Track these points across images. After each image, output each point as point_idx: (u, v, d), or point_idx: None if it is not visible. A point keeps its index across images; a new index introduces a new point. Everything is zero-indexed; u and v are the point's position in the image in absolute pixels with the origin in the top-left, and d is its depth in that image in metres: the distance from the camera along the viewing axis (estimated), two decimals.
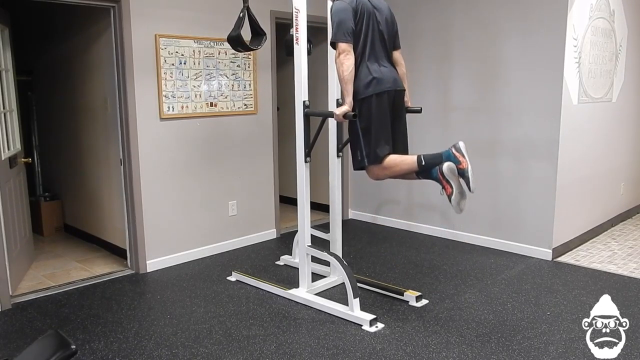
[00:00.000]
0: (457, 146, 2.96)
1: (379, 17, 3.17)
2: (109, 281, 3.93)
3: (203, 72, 4.27)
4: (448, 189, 2.94)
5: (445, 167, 2.91)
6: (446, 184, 2.93)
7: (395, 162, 3.11)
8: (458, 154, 2.93)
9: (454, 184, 2.92)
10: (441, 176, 2.93)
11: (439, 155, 2.98)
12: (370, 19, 3.12)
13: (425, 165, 3.00)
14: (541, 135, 4.19)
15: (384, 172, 3.16)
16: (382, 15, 3.19)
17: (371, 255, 4.45)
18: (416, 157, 3.04)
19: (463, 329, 3.09)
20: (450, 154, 2.95)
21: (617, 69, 4.95)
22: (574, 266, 4.15)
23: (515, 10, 4.23)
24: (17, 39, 4.50)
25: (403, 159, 3.12)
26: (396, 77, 3.22)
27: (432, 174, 2.99)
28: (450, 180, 2.92)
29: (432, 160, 2.99)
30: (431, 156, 3.01)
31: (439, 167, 2.94)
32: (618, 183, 5.30)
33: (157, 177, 4.11)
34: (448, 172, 2.91)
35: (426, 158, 3.01)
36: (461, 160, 2.92)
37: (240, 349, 2.88)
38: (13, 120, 4.04)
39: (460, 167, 2.91)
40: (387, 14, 3.24)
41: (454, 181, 2.92)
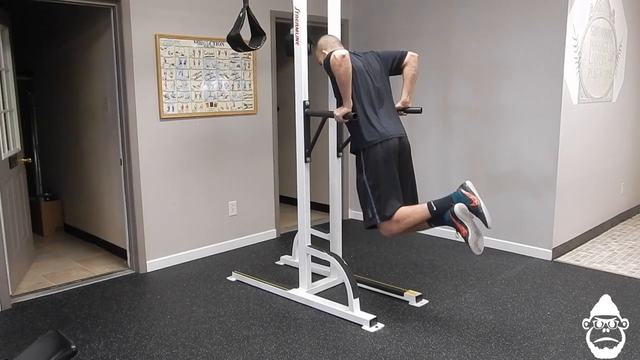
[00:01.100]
0: (465, 186, 2.93)
1: (371, 73, 3.17)
2: (109, 281, 3.93)
3: (203, 72, 4.27)
4: (463, 230, 2.87)
5: (457, 209, 2.86)
6: (460, 226, 2.87)
7: (407, 214, 3.05)
8: (467, 192, 2.90)
9: (468, 225, 2.86)
10: (454, 219, 2.88)
11: (448, 198, 2.94)
12: (362, 75, 3.12)
13: (436, 211, 2.95)
14: (541, 135, 4.19)
15: (397, 226, 3.09)
16: (372, 69, 3.19)
17: (371, 255, 4.45)
18: (426, 204, 3.00)
19: (463, 329, 3.09)
20: (459, 194, 2.91)
21: (617, 69, 4.95)
22: (574, 266, 4.15)
23: (515, 10, 4.23)
24: (17, 39, 4.50)
25: (414, 209, 3.07)
26: (397, 126, 3.18)
27: (445, 219, 2.94)
28: (464, 222, 2.86)
29: (442, 204, 2.94)
30: (441, 200, 2.97)
31: (450, 211, 2.88)
32: (618, 183, 5.30)
33: (157, 177, 4.11)
34: (460, 214, 2.86)
35: (437, 203, 2.96)
36: (472, 198, 2.88)
37: (240, 349, 2.88)
38: (13, 120, 4.04)
39: (472, 205, 2.86)
40: (376, 64, 3.23)
41: (467, 222, 2.86)
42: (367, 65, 3.20)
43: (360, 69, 3.13)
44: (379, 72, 3.22)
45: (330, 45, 3.30)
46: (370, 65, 3.21)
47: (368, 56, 3.27)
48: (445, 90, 4.75)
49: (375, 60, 3.25)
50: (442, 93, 4.78)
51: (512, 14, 4.25)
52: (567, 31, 4.00)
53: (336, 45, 3.30)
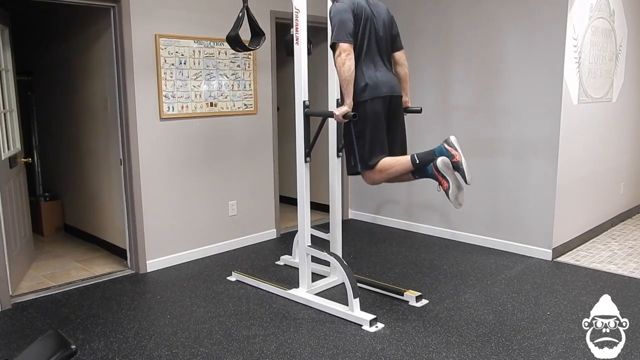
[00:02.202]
0: (449, 140, 2.96)
1: (377, 21, 3.16)
2: (109, 281, 3.93)
3: (203, 72, 4.27)
4: (444, 184, 2.94)
5: (440, 162, 2.91)
6: (442, 179, 2.94)
7: (390, 164, 3.11)
8: (450, 147, 2.94)
9: (450, 179, 2.92)
10: (436, 172, 2.94)
11: (431, 152, 2.99)
12: (368, 23, 3.11)
13: (419, 164, 3.00)
14: (541, 135, 4.19)
15: (380, 176, 3.15)
16: (380, 18, 3.18)
17: (371, 255, 4.45)
18: (409, 156, 3.05)
19: (463, 329, 3.09)
20: (442, 149, 2.95)
21: (617, 69, 4.95)
22: (574, 266, 4.15)
23: (515, 10, 4.23)
24: (17, 39, 4.50)
25: (397, 160, 3.12)
26: (392, 82, 3.21)
27: (427, 171, 2.99)
28: (446, 175, 2.92)
29: (425, 157, 2.99)
30: (424, 154, 3.01)
31: (433, 163, 2.94)
32: (618, 183, 5.30)
33: (157, 177, 4.11)
34: (443, 167, 2.91)
35: (419, 156, 3.01)
36: (454, 153, 2.92)
37: (240, 349, 2.88)
38: (13, 120, 4.04)
39: (454, 160, 2.92)
40: (385, 17, 3.23)
41: (449, 175, 2.92)
42: (375, 13, 3.17)
43: (367, 16, 3.11)
44: (384, 26, 3.21)
45: None
46: (379, 14, 3.19)
47: (380, 6, 3.24)
48: (445, 90, 4.75)
49: (388, 16, 3.26)
50: (442, 93, 4.78)
51: (512, 14, 4.25)
52: (567, 31, 4.00)
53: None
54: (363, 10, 3.10)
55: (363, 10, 3.10)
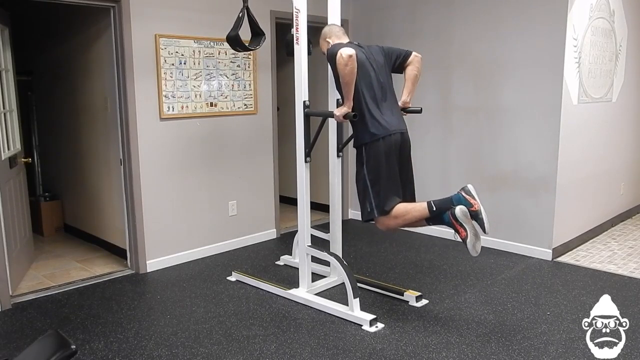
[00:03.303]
0: (467, 189, 2.92)
1: (374, 65, 3.15)
2: (109, 281, 3.93)
3: (203, 72, 4.27)
4: (462, 232, 2.87)
5: (458, 211, 2.85)
6: (460, 228, 2.87)
7: (406, 210, 3.05)
8: (468, 196, 2.89)
9: (467, 228, 2.86)
10: (454, 220, 2.88)
11: (449, 200, 2.94)
12: (365, 68, 3.09)
13: (436, 211, 2.95)
14: (541, 135, 4.19)
15: (395, 222, 3.09)
16: (375, 61, 3.17)
17: (371, 255, 4.45)
18: (426, 203, 2.99)
19: (463, 329, 3.09)
20: (460, 197, 2.91)
21: (617, 69, 4.95)
22: (574, 266, 4.15)
23: (515, 10, 4.23)
24: (17, 39, 4.50)
25: (413, 207, 3.06)
26: (399, 121, 3.18)
27: (444, 219, 2.94)
28: (464, 224, 2.86)
29: (442, 205, 2.94)
30: (441, 201, 2.96)
31: (451, 212, 2.88)
32: (618, 183, 5.30)
33: (157, 177, 4.11)
34: (461, 216, 2.85)
35: (436, 203, 2.96)
36: (472, 202, 2.88)
37: (240, 349, 2.88)
38: (13, 120, 4.04)
39: (472, 209, 2.86)
40: (380, 58, 3.21)
41: (467, 224, 2.86)
42: (370, 58, 3.17)
43: (362, 61, 3.10)
44: (383, 66, 3.20)
45: (335, 34, 3.29)
46: (374, 58, 3.19)
47: (372, 49, 3.24)
48: (445, 90, 4.75)
49: (380, 54, 3.24)
50: (442, 93, 4.78)
51: (512, 14, 4.25)
52: (567, 31, 4.00)
53: (340, 35, 3.29)
54: (359, 57, 3.06)
55: (359, 56, 3.06)
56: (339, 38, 3.27)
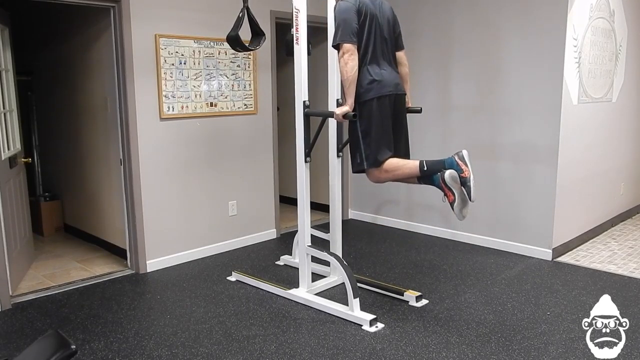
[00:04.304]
0: (461, 154, 2.93)
1: (381, 20, 3.16)
2: (109, 281, 3.93)
3: (203, 72, 4.27)
4: (450, 196, 2.92)
5: (448, 175, 2.89)
6: (448, 192, 2.91)
7: (397, 166, 3.09)
8: (461, 162, 2.91)
9: (456, 192, 2.90)
10: (443, 184, 2.91)
11: (441, 162, 2.96)
12: (373, 22, 3.11)
13: (426, 171, 2.98)
14: (541, 135, 4.19)
15: (385, 175, 3.14)
16: (384, 17, 3.18)
17: (371, 255, 4.45)
18: (418, 162, 3.02)
19: (463, 329, 3.09)
20: (453, 161, 2.92)
21: (617, 69, 4.95)
22: (574, 266, 4.15)
23: (515, 10, 4.23)
24: (17, 39, 4.50)
25: (405, 163, 3.10)
26: (397, 81, 3.21)
27: (434, 181, 2.97)
28: (453, 188, 2.90)
29: (434, 166, 2.97)
30: (433, 162, 2.98)
31: (441, 175, 2.91)
32: (618, 183, 5.30)
33: (157, 177, 4.11)
34: (450, 180, 2.88)
35: (428, 164, 2.99)
36: (464, 169, 2.90)
37: (240, 349, 2.88)
38: (13, 120, 4.04)
39: (462, 175, 2.89)
40: (389, 15, 3.24)
41: (456, 189, 2.90)
42: (380, 12, 3.17)
43: (372, 15, 3.10)
44: (389, 24, 3.22)
45: None
46: (384, 13, 3.19)
47: (384, 6, 3.24)
48: (445, 90, 4.75)
49: (391, 13, 3.26)
50: (442, 93, 4.78)
51: (512, 14, 4.25)
52: (567, 31, 4.00)
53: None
54: (368, 9, 3.09)
55: (368, 9, 3.09)
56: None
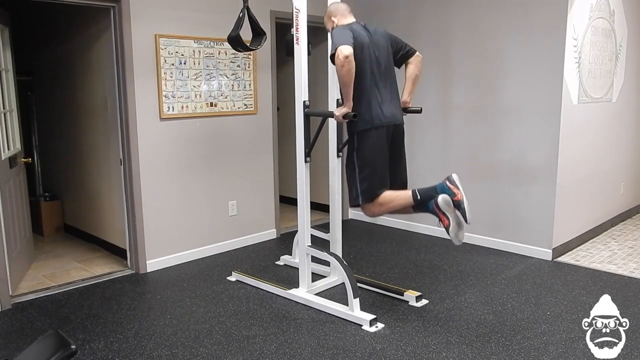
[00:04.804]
0: (451, 178, 2.96)
1: (377, 49, 3.14)
2: (109, 281, 3.93)
3: (203, 72, 4.27)
4: (445, 221, 2.94)
5: (441, 200, 2.91)
6: (442, 216, 2.94)
7: (391, 198, 3.12)
8: (452, 186, 2.94)
9: (450, 216, 2.92)
10: (437, 209, 2.94)
11: (433, 189, 2.99)
12: (368, 52, 3.09)
13: (420, 199, 3.01)
14: (541, 135, 4.19)
15: (380, 209, 3.16)
16: (378, 45, 3.16)
17: (371, 255, 4.45)
18: (411, 192, 3.06)
19: (463, 329, 3.09)
20: (444, 186, 2.95)
21: (617, 69, 4.95)
22: (574, 266, 4.15)
23: (515, 10, 4.22)
24: (17, 39, 4.50)
25: (398, 194, 3.12)
26: (395, 111, 3.19)
27: (428, 207, 2.99)
28: (447, 213, 2.92)
29: (426, 193, 3.00)
30: (426, 190, 3.02)
31: (434, 200, 2.94)
32: (618, 183, 5.30)
33: (157, 177, 4.11)
34: (444, 205, 2.91)
35: (421, 192, 3.02)
36: (455, 192, 2.92)
37: (240, 349, 2.88)
38: (13, 120, 4.04)
39: (455, 199, 2.91)
40: (384, 42, 3.20)
41: (450, 213, 2.92)
42: (374, 40, 3.15)
43: (366, 44, 3.09)
44: (386, 51, 3.20)
45: (341, 13, 3.27)
46: (378, 41, 3.18)
47: (378, 32, 3.22)
48: (445, 90, 4.75)
49: (386, 38, 3.24)
50: (442, 93, 4.78)
51: (512, 14, 4.25)
52: (567, 31, 4.00)
53: (346, 13, 3.27)
54: (362, 38, 3.07)
55: (362, 38, 3.08)
56: (344, 17, 3.25)
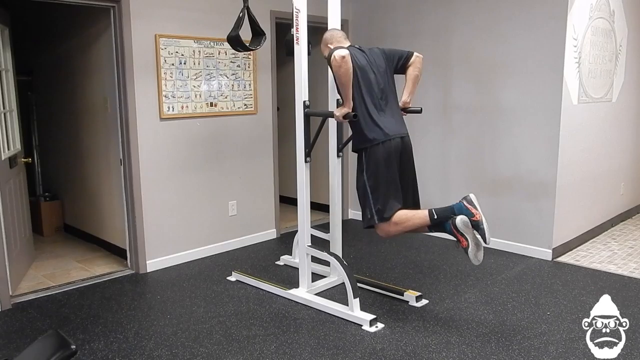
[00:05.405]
0: (469, 198, 2.91)
1: (374, 68, 3.14)
2: (109, 281, 3.93)
3: (203, 72, 4.27)
4: (464, 242, 2.87)
5: (459, 221, 2.85)
6: (461, 237, 2.87)
7: (407, 217, 3.05)
8: (470, 206, 2.88)
9: (469, 237, 2.85)
10: (455, 230, 2.88)
11: (450, 209, 2.93)
12: (365, 72, 3.08)
13: (437, 219, 2.95)
14: (541, 135, 4.19)
15: (396, 229, 3.08)
16: (376, 65, 3.16)
17: (371, 255, 4.45)
18: (427, 211, 2.99)
19: (463, 329, 3.09)
20: (462, 206, 2.90)
21: (617, 69, 4.95)
22: (574, 266, 4.15)
23: (515, 10, 4.23)
24: (17, 39, 4.50)
25: (414, 214, 3.05)
26: (398, 125, 3.16)
27: (446, 228, 2.94)
28: (465, 234, 2.85)
29: (443, 213, 2.94)
30: (443, 209, 2.96)
31: (452, 221, 2.88)
32: (618, 183, 5.30)
33: (157, 177, 4.11)
34: (462, 226, 2.85)
35: (438, 212, 2.95)
36: (474, 212, 2.87)
37: (240, 349, 2.88)
38: (13, 120, 4.04)
39: (473, 219, 2.86)
40: (380, 61, 3.19)
41: (468, 234, 2.85)
42: (371, 61, 3.16)
43: (363, 65, 3.09)
44: (384, 69, 3.19)
45: (336, 39, 3.28)
46: (374, 61, 3.17)
47: (373, 52, 3.23)
48: (445, 90, 4.75)
49: (381, 57, 3.22)
50: (442, 93, 4.78)
51: (512, 14, 4.25)
52: (567, 31, 4.00)
53: (342, 40, 3.28)
54: (360, 61, 3.07)
55: (360, 60, 3.07)
56: (340, 43, 3.25)
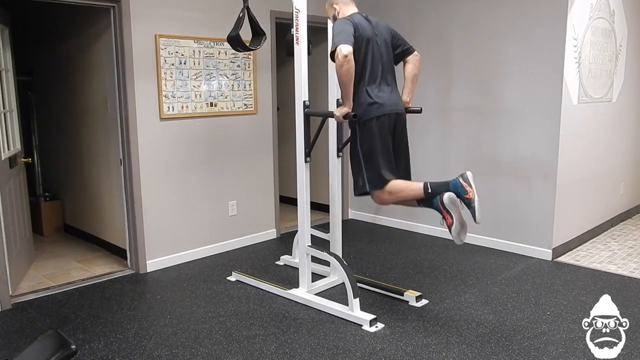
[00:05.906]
0: (465, 176, 2.90)
1: (379, 41, 3.15)
2: (109, 281, 3.93)
3: (203, 72, 4.27)
4: (448, 219, 2.87)
5: (446, 198, 2.85)
6: (446, 214, 2.87)
7: (401, 188, 3.06)
8: (465, 183, 2.87)
9: (454, 215, 2.85)
10: (442, 206, 2.87)
11: (445, 184, 2.92)
12: (370, 44, 3.10)
13: (431, 193, 2.94)
14: (541, 135, 4.19)
15: (389, 197, 3.10)
16: (381, 38, 3.17)
17: (371, 255, 4.45)
18: (422, 184, 2.99)
19: (463, 329, 3.09)
20: (457, 183, 2.89)
21: (617, 69, 4.95)
22: (574, 266, 4.15)
23: (515, 10, 4.23)
24: (17, 39, 4.50)
25: (409, 185, 3.06)
26: (396, 100, 3.19)
27: (433, 204, 2.93)
28: (451, 211, 2.85)
29: (438, 188, 2.92)
30: (438, 184, 2.95)
31: (440, 197, 2.87)
32: (618, 183, 5.30)
33: (157, 177, 4.11)
34: (449, 203, 2.85)
35: (433, 186, 2.95)
36: (468, 190, 2.85)
37: (240, 349, 2.88)
38: (13, 120, 4.04)
39: (466, 196, 2.85)
40: (386, 36, 3.22)
41: (454, 212, 2.85)
42: (377, 33, 3.16)
43: (369, 36, 3.10)
44: (386, 44, 3.21)
45: (343, 1, 3.27)
46: (380, 34, 3.19)
47: (380, 25, 3.23)
48: (445, 90, 4.75)
49: (387, 33, 3.24)
50: (442, 93, 4.78)
51: (512, 14, 4.25)
52: (567, 31, 4.00)
53: (349, 2, 3.27)
54: (364, 31, 3.08)
55: (364, 30, 3.08)
56: (347, 5, 3.25)
